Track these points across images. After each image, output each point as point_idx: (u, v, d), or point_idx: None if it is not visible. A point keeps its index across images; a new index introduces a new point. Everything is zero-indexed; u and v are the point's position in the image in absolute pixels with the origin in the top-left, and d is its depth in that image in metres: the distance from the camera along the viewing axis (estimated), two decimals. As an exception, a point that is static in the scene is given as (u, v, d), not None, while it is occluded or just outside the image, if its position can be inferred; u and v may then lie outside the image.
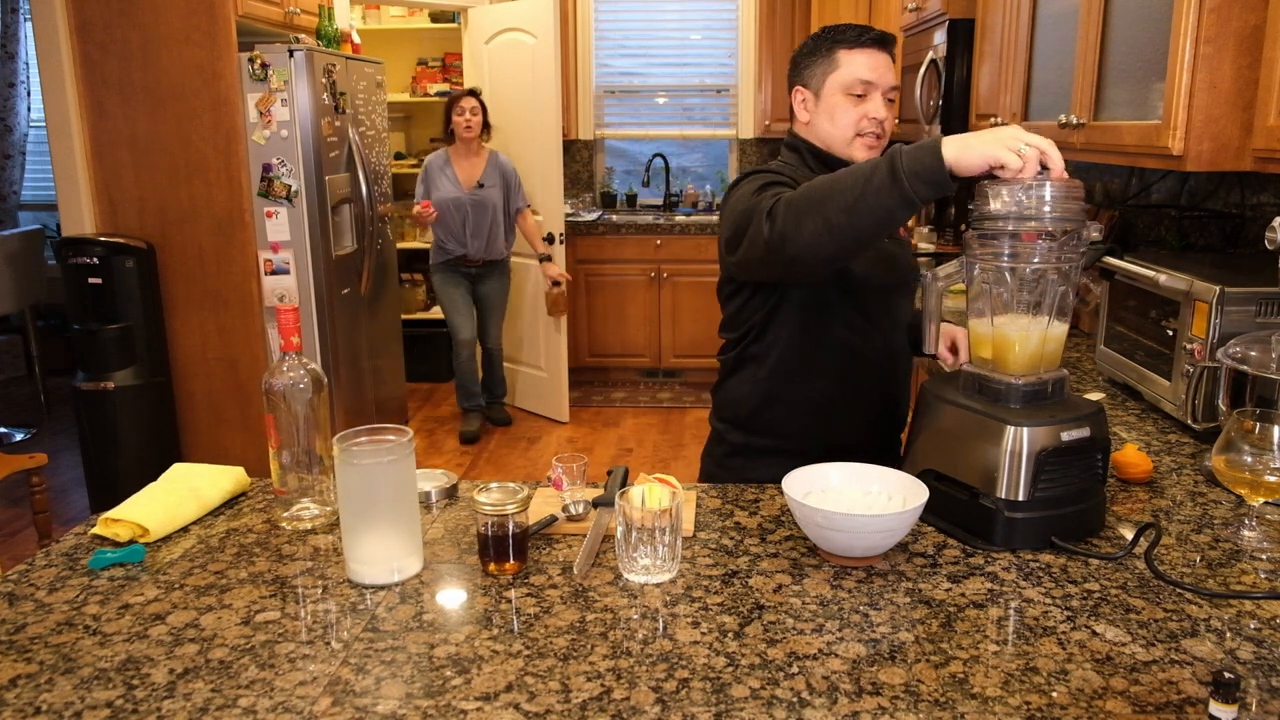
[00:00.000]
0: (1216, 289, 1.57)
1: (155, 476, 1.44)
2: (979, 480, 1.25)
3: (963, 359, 1.67)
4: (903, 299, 1.74)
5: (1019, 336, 1.28)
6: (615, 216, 5.56)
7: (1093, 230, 1.24)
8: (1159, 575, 1.15)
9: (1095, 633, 1.03)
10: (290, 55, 3.41)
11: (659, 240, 5.27)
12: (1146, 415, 1.80)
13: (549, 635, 1.04)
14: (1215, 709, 0.85)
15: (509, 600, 1.12)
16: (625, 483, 1.37)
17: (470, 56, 5.02)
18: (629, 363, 5.51)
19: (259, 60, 3.39)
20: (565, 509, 1.33)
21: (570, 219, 5.34)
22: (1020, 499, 1.23)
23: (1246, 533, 1.27)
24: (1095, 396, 1.75)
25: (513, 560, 1.19)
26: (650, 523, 1.14)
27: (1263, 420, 1.20)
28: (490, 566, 1.19)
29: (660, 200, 5.88)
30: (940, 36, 3.23)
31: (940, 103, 3.23)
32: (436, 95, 5.47)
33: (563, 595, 1.13)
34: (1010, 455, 1.22)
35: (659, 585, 1.15)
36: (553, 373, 4.81)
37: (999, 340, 1.30)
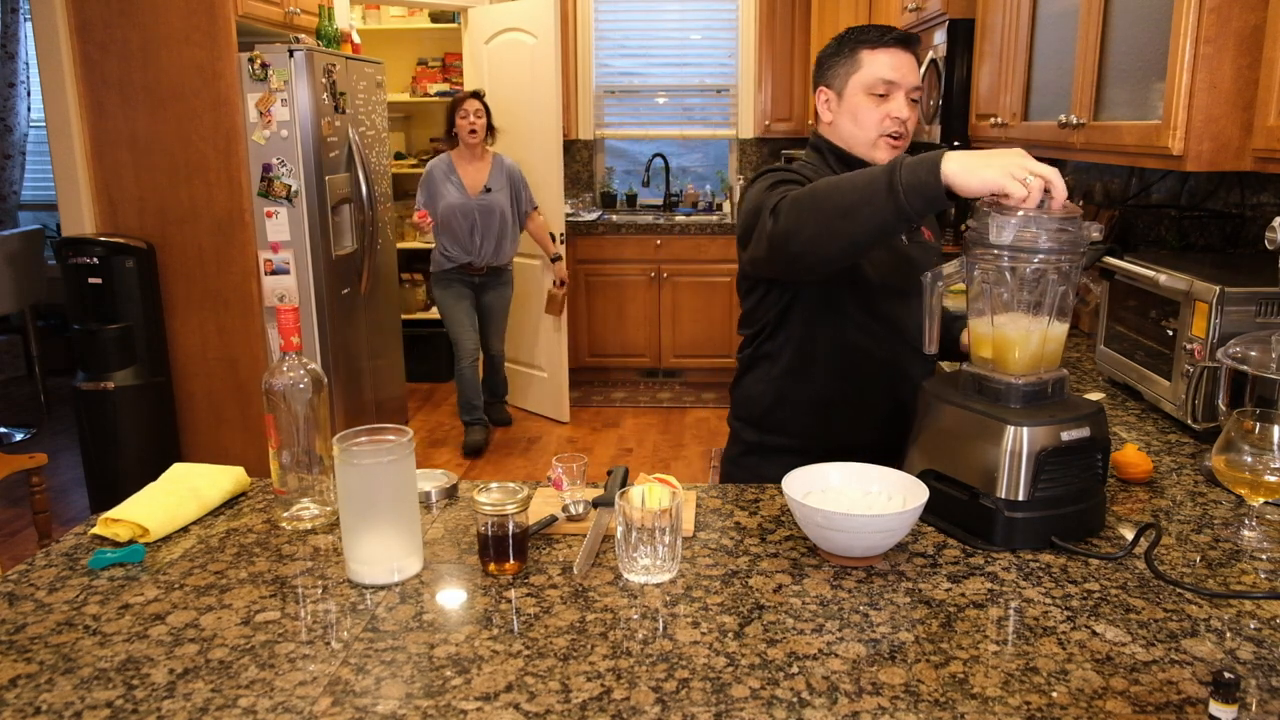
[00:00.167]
0: (1216, 289, 1.57)
1: (155, 476, 1.44)
2: (979, 480, 1.25)
3: None
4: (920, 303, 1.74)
5: (1019, 336, 1.28)
6: (615, 216, 5.56)
7: (1093, 230, 1.24)
8: (1159, 575, 1.15)
9: (1095, 633, 1.03)
10: (290, 55, 3.41)
11: (659, 240, 5.27)
12: (1146, 415, 1.80)
13: (549, 635, 1.04)
14: (1215, 709, 0.85)
15: (509, 600, 1.12)
16: (625, 483, 1.37)
17: (470, 56, 5.01)
18: (629, 363, 5.51)
19: (259, 60, 3.39)
20: (565, 509, 1.33)
21: (570, 219, 5.34)
22: (1020, 499, 1.23)
23: (1246, 533, 1.27)
24: (1095, 396, 1.75)
25: (513, 560, 1.19)
26: (650, 523, 1.14)
27: (1263, 420, 1.20)
28: (490, 566, 1.19)
29: (660, 200, 5.88)
30: (940, 36, 3.23)
31: (940, 103, 3.23)
32: (436, 95, 5.47)
33: (563, 595, 1.13)
34: (1010, 455, 1.22)
35: (659, 585, 1.15)
36: (553, 373, 4.81)
37: (999, 340, 1.30)
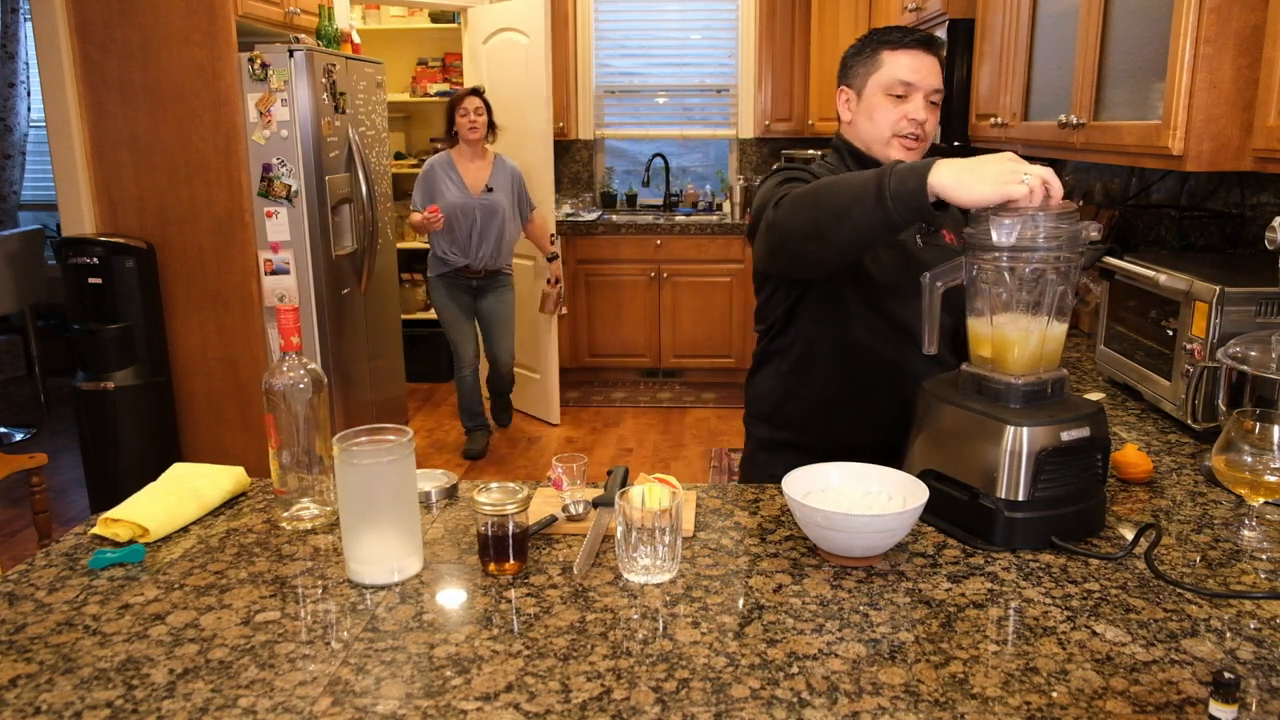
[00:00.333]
0: (1216, 289, 1.57)
1: (155, 476, 1.44)
2: (979, 480, 1.25)
3: None
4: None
5: (1018, 336, 1.28)
6: (615, 216, 5.56)
7: (1093, 230, 1.24)
8: (1159, 575, 1.15)
9: (1095, 633, 1.03)
10: (290, 55, 3.41)
11: (659, 240, 5.27)
12: (1146, 415, 1.80)
13: (549, 635, 1.04)
14: (1215, 709, 0.85)
15: (509, 600, 1.12)
16: (625, 483, 1.37)
17: (470, 56, 5.01)
18: (629, 363, 5.51)
19: (259, 60, 3.39)
20: (565, 509, 1.33)
21: (570, 219, 5.34)
22: (1020, 499, 1.23)
23: (1246, 533, 1.27)
24: (1095, 396, 1.75)
25: (513, 560, 1.19)
26: (650, 523, 1.14)
27: (1263, 420, 1.20)
28: (490, 566, 1.19)
29: (660, 200, 5.88)
30: (940, 36, 3.23)
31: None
32: (437, 95, 5.47)
33: (563, 595, 1.13)
34: (1010, 455, 1.22)
35: (659, 585, 1.15)
36: (545, 374, 4.80)
37: (998, 340, 1.30)
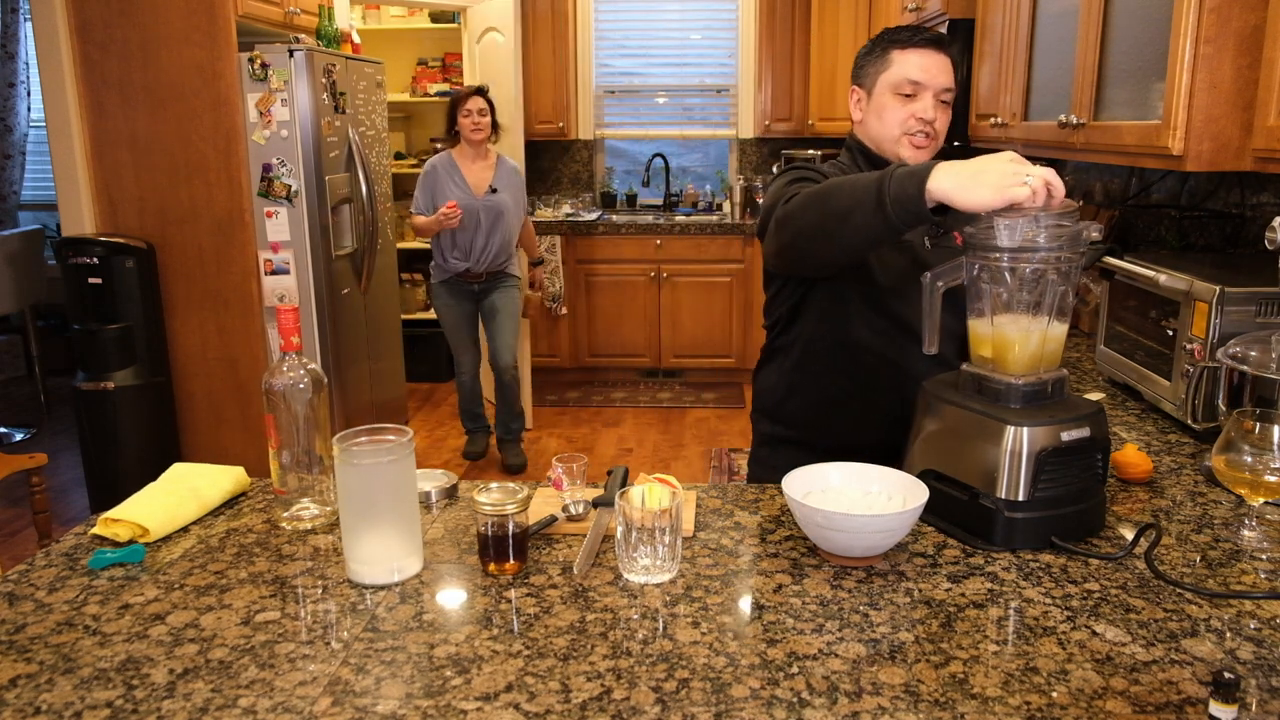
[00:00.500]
0: (1216, 289, 1.57)
1: (155, 476, 1.44)
2: (979, 480, 1.25)
3: None
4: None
5: (1019, 336, 1.28)
6: (615, 216, 5.56)
7: (1093, 230, 1.24)
8: (1159, 575, 1.15)
9: (1095, 633, 1.03)
10: (290, 55, 3.41)
11: (659, 240, 5.27)
12: (1146, 415, 1.79)
13: (549, 635, 1.04)
14: (1215, 709, 0.85)
15: (509, 600, 1.12)
16: (625, 483, 1.37)
17: (468, 56, 5.03)
18: (629, 363, 5.51)
19: (259, 60, 3.39)
20: (565, 509, 1.33)
21: (570, 219, 5.34)
22: (1020, 499, 1.23)
23: (1246, 533, 1.27)
24: (1095, 396, 1.75)
25: (513, 560, 1.19)
26: (650, 523, 1.14)
27: (1263, 420, 1.20)
28: (490, 566, 1.19)
29: (660, 200, 5.88)
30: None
31: (940, 103, 3.23)
32: (437, 95, 5.47)
33: (563, 595, 1.13)
34: (1010, 455, 1.22)
35: (659, 585, 1.15)
36: (521, 379, 4.74)
37: (999, 340, 1.30)
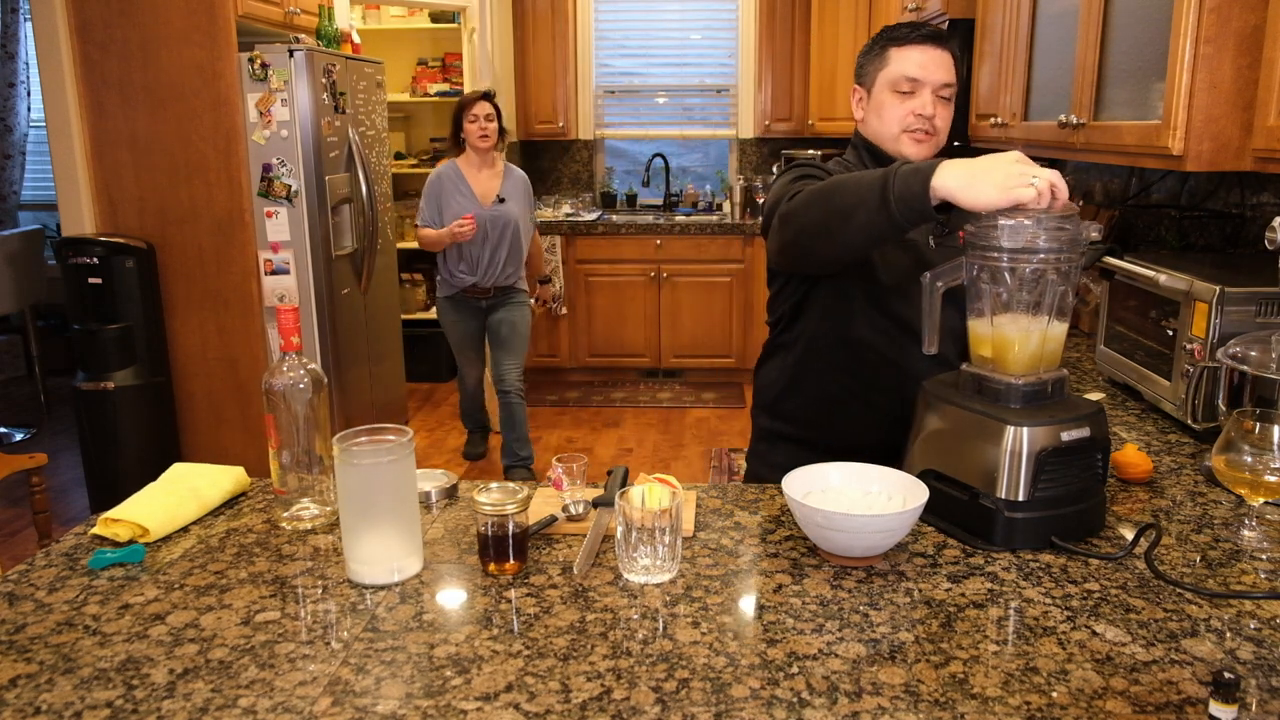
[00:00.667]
0: (1216, 289, 1.57)
1: (155, 476, 1.44)
2: (979, 480, 1.25)
3: None
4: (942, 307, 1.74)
5: (1019, 336, 1.28)
6: (615, 216, 5.57)
7: (1093, 230, 1.24)
8: (1159, 575, 1.15)
9: (1095, 633, 1.03)
10: (290, 55, 3.41)
11: (659, 240, 5.27)
12: (1146, 415, 1.79)
13: (549, 635, 1.04)
14: (1215, 709, 0.85)
15: (509, 600, 1.12)
16: (625, 483, 1.37)
17: (469, 56, 5.04)
18: (629, 363, 5.51)
19: (259, 60, 3.39)
20: (565, 509, 1.33)
21: (570, 219, 5.35)
22: (1020, 499, 1.23)
23: (1246, 533, 1.27)
24: (1095, 396, 1.75)
25: (513, 560, 1.19)
26: (650, 523, 1.14)
27: (1263, 420, 1.20)
28: (490, 566, 1.19)
29: (660, 200, 5.88)
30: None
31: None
32: (437, 95, 5.47)
33: (563, 595, 1.13)
34: (1010, 455, 1.22)
35: (659, 585, 1.15)
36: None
37: (999, 340, 1.30)
